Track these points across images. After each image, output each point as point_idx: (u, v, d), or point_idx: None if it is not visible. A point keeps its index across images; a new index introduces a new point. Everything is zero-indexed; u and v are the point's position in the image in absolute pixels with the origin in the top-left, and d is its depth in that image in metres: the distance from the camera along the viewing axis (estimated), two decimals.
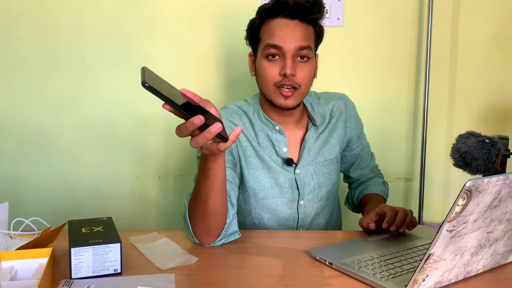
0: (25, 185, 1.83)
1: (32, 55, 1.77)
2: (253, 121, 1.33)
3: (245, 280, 0.95)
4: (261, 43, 1.25)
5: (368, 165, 1.52)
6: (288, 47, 1.20)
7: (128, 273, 0.97)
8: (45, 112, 1.80)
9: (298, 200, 1.34)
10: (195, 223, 1.10)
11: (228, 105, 1.38)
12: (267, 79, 1.24)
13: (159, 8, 1.77)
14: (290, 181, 1.33)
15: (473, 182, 0.76)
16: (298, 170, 1.33)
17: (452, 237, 0.81)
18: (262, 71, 1.25)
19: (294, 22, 1.21)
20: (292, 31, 1.21)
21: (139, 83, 0.81)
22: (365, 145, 1.51)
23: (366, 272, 0.94)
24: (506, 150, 1.05)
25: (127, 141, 1.83)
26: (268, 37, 1.23)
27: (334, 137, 1.39)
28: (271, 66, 1.23)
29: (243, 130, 1.32)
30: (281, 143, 1.32)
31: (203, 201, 1.06)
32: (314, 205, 1.36)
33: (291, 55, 1.21)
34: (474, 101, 1.86)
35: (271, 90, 1.24)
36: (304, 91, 1.26)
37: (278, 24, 1.22)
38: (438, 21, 1.80)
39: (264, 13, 1.25)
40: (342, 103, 1.41)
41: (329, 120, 1.39)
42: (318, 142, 1.36)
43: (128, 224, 1.85)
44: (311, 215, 1.36)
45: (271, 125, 1.32)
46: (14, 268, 0.91)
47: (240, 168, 1.32)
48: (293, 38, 1.20)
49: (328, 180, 1.38)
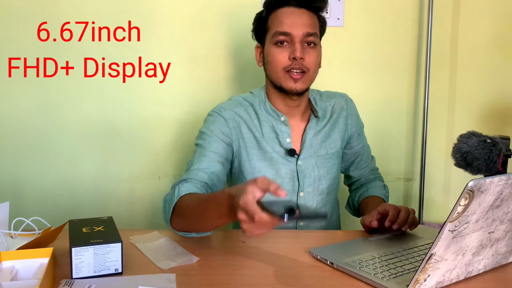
0: (25, 185, 1.83)
1: (32, 54, 1.77)
2: (258, 111, 1.36)
3: (246, 280, 0.95)
4: (269, 32, 1.31)
5: (369, 165, 1.52)
6: (296, 33, 1.26)
7: (129, 272, 0.97)
8: (45, 112, 1.80)
9: (298, 192, 1.36)
10: (175, 221, 1.16)
11: (233, 97, 1.41)
12: (276, 64, 1.29)
13: (161, 6, 1.76)
14: (292, 172, 1.35)
15: (475, 182, 0.76)
16: (300, 161, 1.36)
17: (454, 237, 0.81)
18: (271, 57, 1.30)
19: (301, 10, 1.28)
20: (300, 17, 1.27)
21: (139, 83, 0.81)
22: (366, 145, 1.52)
23: (367, 272, 0.94)
24: (507, 150, 1.05)
25: (127, 141, 1.83)
26: (277, 25, 1.28)
27: (336, 132, 1.41)
28: (281, 52, 1.28)
29: (246, 121, 1.34)
30: (285, 133, 1.35)
31: (191, 222, 1.12)
32: (314, 198, 1.38)
33: (299, 40, 1.26)
34: (474, 101, 1.86)
35: (281, 75, 1.29)
36: (312, 75, 1.31)
37: (286, 12, 1.28)
38: (438, 21, 1.80)
39: (271, 4, 1.31)
40: (343, 100, 1.45)
41: (330, 115, 1.42)
42: (320, 136, 1.39)
43: (128, 223, 1.85)
44: (312, 208, 1.36)
45: (276, 116, 1.35)
46: (15, 268, 0.90)
47: (241, 160, 1.35)
48: (300, 24, 1.26)
49: (329, 173, 1.39)
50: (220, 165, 1.29)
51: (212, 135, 1.31)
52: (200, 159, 1.27)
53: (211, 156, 1.28)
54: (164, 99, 1.81)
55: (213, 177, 1.25)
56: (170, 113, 1.82)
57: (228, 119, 1.33)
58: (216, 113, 1.34)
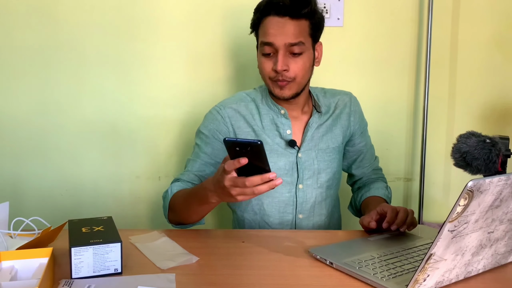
0: (25, 185, 1.83)
1: (32, 54, 1.77)
2: (259, 106, 1.39)
3: (246, 280, 0.95)
4: (259, 40, 1.33)
5: (371, 164, 1.52)
6: (279, 44, 1.26)
7: (129, 272, 0.97)
8: (46, 112, 1.80)
9: (297, 184, 1.37)
10: (171, 216, 1.28)
11: (237, 93, 1.44)
12: (263, 74, 1.32)
13: (160, 6, 1.77)
14: (292, 164, 1.37)
15: (475, 183, 0.76)
16: (301, 154, 1.37)
17: (453, 237, 0.81)
18: (259, 66, 1.33)
19: (285, 19, 1.25)
20: (283, 28, 1.25)
21: (139, 83, 0.81)
22: (369, 144, 1.53)
23: (366, 272, 0.94)
24: (506, 150, 1.05)
25: (127, 141, 1.83)
26: (262, 35, 1.29)
27: (338, 127, 1.43)
28: (266, 61, 1.30)
29: (246, 117, 1.38)
30: (286, 126, 1.37)
31: (182, 215, 1.24)
32: (313, 191, 1.38)
33: (282, 51, 1.26)
34: (474, 101, 1.86)
35: (269, 83, 1.33)
36: (301, 81, 1.31)
37: (271, 22, 1.27)
38: (438, 21, 1.80)
39: (259, 11, 1.31)
40: (347, 98, 1.47)
41: (333, 111, 1.44)
42: (322, 130, 1.40)
43: (128, 224, 1.85)
44: (310, 202, 1.38)
45: (277, 109, 1.38)
46: (14, 268, 0.91)
47: None
48: (283, 35, 1.25)
49: (329, 167, 1.40)
50: (211, 167, 1.35)
51: (209, 135, 1.36)
52: (194, 161, 1.37)
53: (204, 158, 1.36)
54: (165, 99, 1.81)
55: (202, 179, 1.33)
56: (171, 113, 1.82)
57: (225, 117, 1.37)
58: (216, 111, 1.38)
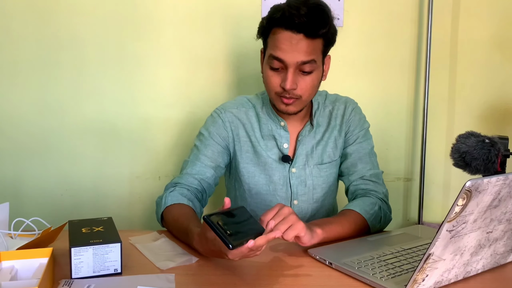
0: (25, 185, 1.83)
1: (32, 55, 1.77)
2: (259, 114, 1.37)
3: (245, 280, 0.95)
4: (267, 50, 1.25)
5: (358, 171, 1.35)
6: (290, 61, 1.19)
7: (128, 273, 0.97)
8: (46, 112, 1.80)
9: (292, 200, 1.36)
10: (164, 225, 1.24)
11: (238, 97, 1.42)
12: (269, 87, 1.26)
13: (161, 6, 1.77)
14: (285, 178, 1.35)
15: (473, 182, 0.76)
16: (294, 169, 1.35)
17: (451, 237, 0.81)
18: (266, 78, 1.26)
19: (299, 36, 1.18)
20: (296, 45, 1.18)
21: (139, 83, 0.81)
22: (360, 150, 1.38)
23: (366, 272, 0.94)
24: (506, 150, 1.06)
25: (127, 141, 1.83)
26: (272, 48, 1.22)
27: (332, 141, 1.37)
28: (274, 76, 1.23)
29: (245, 125, 1.36)
30: (284, 138, 1.35)
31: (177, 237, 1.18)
32: (309, 206, 1.37)
33: (292, 69, 1.20)
34: (474, 101, 1.86)
35: (273, 97, 1.27)
36: (306, 99, 1.27)
37: (283, 37, 1.19)
38: (438, 21, 1.80)
39: (272, 21, 1.22)
40: (343, 107, 1.39)
41: (327, 124, 1.38)
42: (316, 145, 1.36)
43: (128, 224, 1.85)
44: (306, 217, 1.37)
45: (277, 120, 1.35)
46: (14, 268, 0.91)
47: (236, 162, 1.37)
48: (296, 52, 1.18)
49: (325, 183, 1.38)
50: (211, 170, 1.33)
51: (209, 138, 1.35)
52: (193, 163, 1.33)
53: (204, 161, 1.33)
54: (164, 99, 1.81)
55: (202, 182, 1.31)
56: (170, 113, 1.82)
57: (226, 122, 1.35)
58: (217, 114, 1.37)
